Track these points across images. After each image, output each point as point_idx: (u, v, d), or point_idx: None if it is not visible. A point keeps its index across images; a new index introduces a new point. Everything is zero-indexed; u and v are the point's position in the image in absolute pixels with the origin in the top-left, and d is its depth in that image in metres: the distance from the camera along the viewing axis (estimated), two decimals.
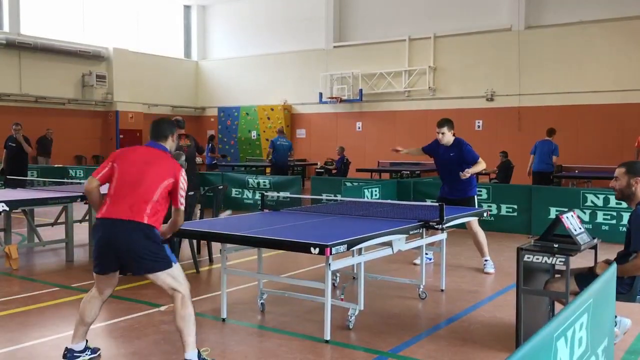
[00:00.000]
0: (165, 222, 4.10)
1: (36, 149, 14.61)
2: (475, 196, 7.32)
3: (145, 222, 3.86)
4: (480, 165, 7.08)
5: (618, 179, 4.24)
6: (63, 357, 4.09)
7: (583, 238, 4.27)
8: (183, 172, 4.04)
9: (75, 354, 4.10)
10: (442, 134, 7.05)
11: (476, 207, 7.20)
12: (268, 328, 4.98)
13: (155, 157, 4.06)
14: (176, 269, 4.00)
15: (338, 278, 6.31)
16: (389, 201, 7.62)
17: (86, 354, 4.17)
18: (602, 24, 16.51)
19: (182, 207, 4.04)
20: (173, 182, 3.97)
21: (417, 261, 7.19)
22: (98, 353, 4.28)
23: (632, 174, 4.17)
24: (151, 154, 4.08)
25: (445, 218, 5.28)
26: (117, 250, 3.87)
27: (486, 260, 7.19)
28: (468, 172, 6.85)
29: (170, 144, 4.24)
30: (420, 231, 5.42)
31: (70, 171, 16.06)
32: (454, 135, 7.18)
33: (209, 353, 4.24)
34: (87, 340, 4.19)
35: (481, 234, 7.12)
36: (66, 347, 4.11)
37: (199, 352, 4.02)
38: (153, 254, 3.88)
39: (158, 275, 3.93)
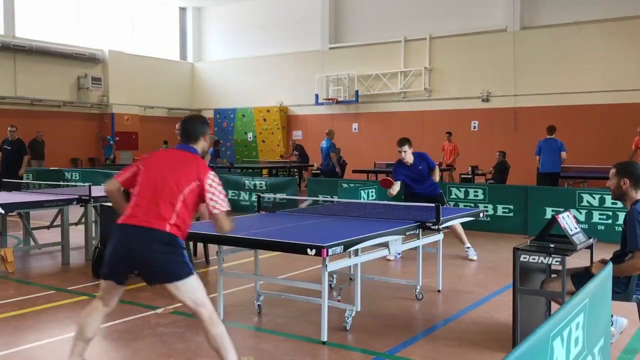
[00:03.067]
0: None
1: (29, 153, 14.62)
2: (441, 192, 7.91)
3: (167, 230, 3.54)
4: (437, 171, 7.70)
5: (610, 180, 4.28)
6: None
7: (579, 238, 4.28)
8: (212, 174, 3.69)
9: None
10: (405, 152, 7.49)
11: (445, 204, 7.85)
12: (265, 330, 4.97)
13: (181, 161, 3.72)
14: (195, 281, 3.64)
15: (335, 279, 6.31)
16: (385, 202, 7.63)
17: None
18: (597, 25, 16.56)
19: (218, 212, 3.66)
20: (198, 185, 3.61)
21: (390, 257, 7.63)
22: None
23: (621, 174, 4.20)
24: (177, 157, 3.75)
25: (441, 219, 5.29)
26: (133, 259, 3.56)
27: (468, 248, 7.74)
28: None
29: (202, 145, 3.89)
30: (417, 232, 5.42)
31: (66, 174, 16.02)
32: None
33: None
34: None
35: (457, 225, 7.56)
36: None
37: None
38: (171, 263, 3.55)
39: (177, 286, 3.57)
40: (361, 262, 5.08)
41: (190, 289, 3.60)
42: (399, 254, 7.67)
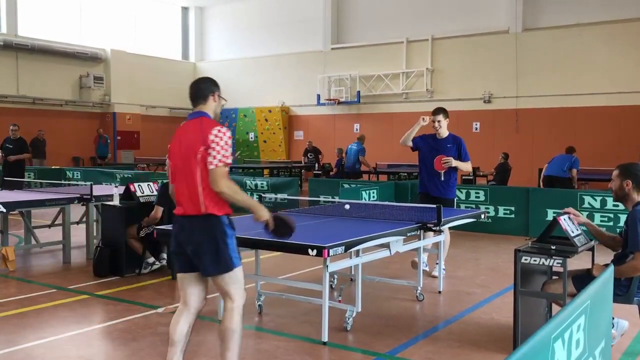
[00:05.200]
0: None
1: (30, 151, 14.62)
2: (455, 199, 7.01)
3: (203, 211, 3.42)
4: (469, 165, 6.85)
5: (613, 181, 4.27)
6: None
7: (580, 240, 4.28)
8: (217, 128, 3.42)
9: None
10: (439, 121, 6.71)
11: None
12: (266, 330, 4.97)
13: (188, 133, 3.50)
14: (238, 272, 3.54)
15: (336, 280, 6.31)
16: (386, 203, 7.62)
17: None
18: (598, 27, 16.56)
19: (212, 167, 3.37)
20: (205, 148, 3.39)
21: (435, 273, 6.82)
22: None
23: (624, 176, 4.19)
24: (186, 132, 3.53)
25: (442, 220, 5.28)
26: (185, 249, 3.52)
27: (437, 263, 6.64)
28: (454, 162, 6.62)
29: (212, 105, 3.61)
30: (418, 233, 5.42)
31: (68, 173, 16.04)
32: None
33: None
34: None
35: (447, 238, 6.73)
36: None
37: None
38: (214, 251, 3.45)
39: (217, 277, 3.51)
40: (362, 262, 5.08)
41: (228, 281, 3.52)
42: (445, 269, 6.72)
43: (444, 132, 6.78)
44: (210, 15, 24.91)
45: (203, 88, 3.60)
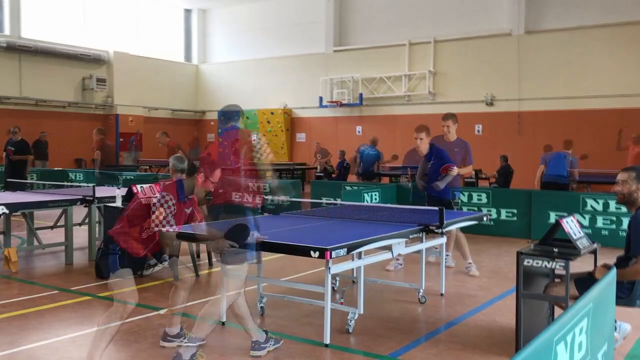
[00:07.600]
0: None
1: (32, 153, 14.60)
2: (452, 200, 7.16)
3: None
4: (470, 168, 7.16)
5: (626, 183, 4.18)
6: (251, 349, 4.37)
7: (583, 242, 4.27)
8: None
9: (261, 345, 4.39)
10: (448, 126, 7.05)
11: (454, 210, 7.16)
12: (268, 332, 4.96)
13: None
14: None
15: (338, 282, 6.31)
16: (388, 205, 7.61)
17: (270, 344, 4.44)
18: (601, 29, 16.53)
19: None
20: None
21: (390, 267, 7.24)
22: (281, 343, 4.52)
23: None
24: None
25: (445, 222, 5.28)
26: None
27: (469, 264, 7.18)
28: (455, 170, 6.74)
29: None
30: (420, 235, 5.42)
31: (70, 174, 16.04)
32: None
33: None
34: (267, 332, 4.52)
35: (463, 238, 7.09)
36: (251, 340, 4.42)
37: (195, 353, 4.19)
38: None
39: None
40: (364, 264, 5.08)
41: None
42: (401, 265, 7.35)
43: (452, 136, 7.15)
44: (212, 18, 24.94)
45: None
